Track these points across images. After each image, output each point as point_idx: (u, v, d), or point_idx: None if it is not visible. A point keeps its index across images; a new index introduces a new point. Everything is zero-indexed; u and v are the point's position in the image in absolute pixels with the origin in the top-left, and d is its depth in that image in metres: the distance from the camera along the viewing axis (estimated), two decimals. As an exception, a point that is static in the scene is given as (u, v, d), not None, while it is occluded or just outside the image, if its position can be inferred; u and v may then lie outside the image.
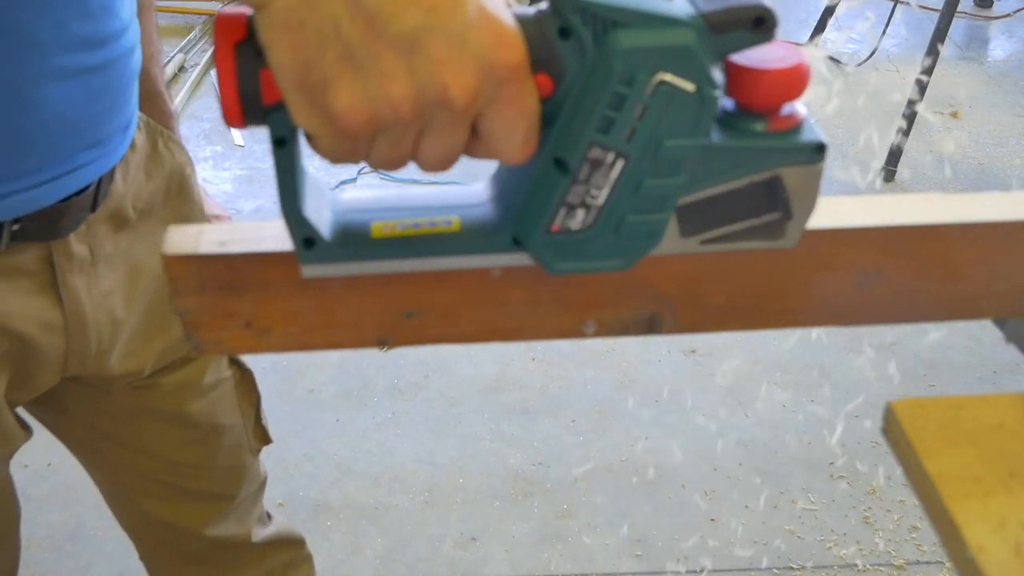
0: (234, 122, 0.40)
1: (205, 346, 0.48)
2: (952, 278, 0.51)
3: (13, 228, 0.72)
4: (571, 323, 0.50)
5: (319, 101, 0.37)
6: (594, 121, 0.40)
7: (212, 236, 0.47)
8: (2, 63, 0.65)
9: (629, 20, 0.39)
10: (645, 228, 0.43)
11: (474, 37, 0.37)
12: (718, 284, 0.50)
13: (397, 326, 0.49)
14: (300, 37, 0.36)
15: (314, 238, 0.44)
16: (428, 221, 0.46)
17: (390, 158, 0.41)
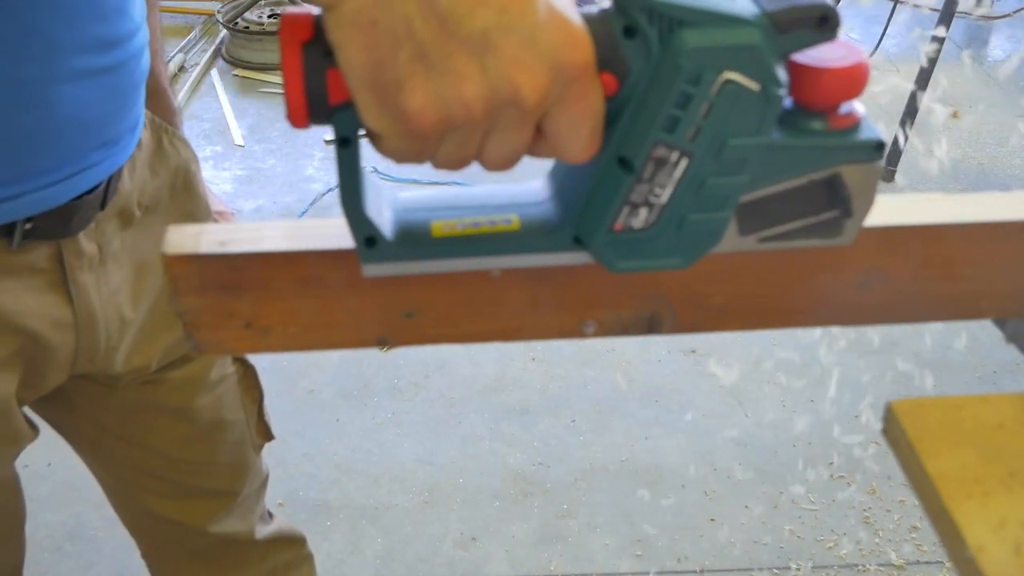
0: (299, 122, 0.40)
1: (205, 346, 0.48)
2: (952, 278, 0.51)
3: (25, 227, 0.72)
4: (571, 323, 0.50)
5: (391, 101, 0.37)
6: (660, 120, 0.40)
7: (212, 236, 0.47)
8: (19, 64, 0.66)
9: (695, 19, 0.39)
10: (707, 226, 0.44)
11: (545, 37, 0.37)
12: (718, 284, 0.50)
13: (397, 326, 0.49)
14: (373, 37, 0.36)
15: (376, 237, 0.44)
16: (488, 220, 0.46)
17: (455, 158, 0.41)
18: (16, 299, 0.75)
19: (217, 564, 1.11)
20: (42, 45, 0.67)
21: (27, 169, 0.70)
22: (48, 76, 0.68)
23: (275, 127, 3.10)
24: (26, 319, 0.76)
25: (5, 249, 0.73)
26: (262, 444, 1.09)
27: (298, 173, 2.86)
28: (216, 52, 3.51)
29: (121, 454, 0.99)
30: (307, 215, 2.67)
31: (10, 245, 0.72)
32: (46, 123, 0.69)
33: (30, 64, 0.66)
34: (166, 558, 1.12)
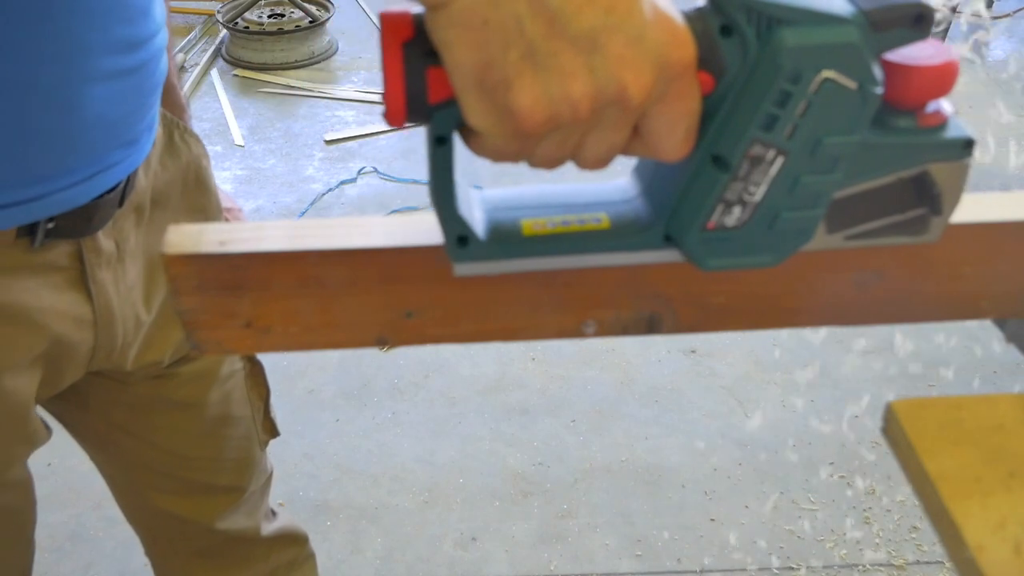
0: (396, 120, 0.40)
1: (205, 346, 0.48)
2: (952, 278, 0.51)
3: (48, 226, 0.73)
4: (571, 323, 0.50)
5: (498, 100, 0.37)
6: (757, 118, 0.40)
7: (212, 236, 0.47)
8: (49, 67, 0.67)
9: (794, 18, 0.39)
10: (799, 224, 0.44)
11: (651, 35, 0.37)
12: (718, 284, 0.50)
13: (397, 326, 0.49)
14: (482, 36, 0.36)
15: (468, 236, 0.44)
16: (577, 219, 0.46)
17: (553, 156, 0.41)
18: (38, 297, 0.76)
19: (221, 563, 1.11)
20: (72, 48, 0.67)
21: (53, 169, 0.71)
22: (76, 78, 0.68)
23: (275, 127, 3.10)
24: (48, 317, 0.77)
25: (27, 248, 0.73)
26: (268, 441, 1.10)
27: (298, 173, 2.86)
28: (216, 52, 3.51)
29: (130, 450, 1.00)
30: (307, 215, 2.67)
31: (32, 244, 0.73)
32: (73, 124, 0.70)
33: (60, 66, 0.67)
34: (171, 556, 1.12)
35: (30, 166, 0.69)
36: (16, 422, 0.81)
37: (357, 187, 2.78)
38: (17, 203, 0.70)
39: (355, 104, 3.24)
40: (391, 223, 0.48)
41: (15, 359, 0.77)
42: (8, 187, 0.69)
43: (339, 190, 2.77)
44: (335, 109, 3.21)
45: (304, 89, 3.31)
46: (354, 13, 3.92)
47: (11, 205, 0.69)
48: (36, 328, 0.77)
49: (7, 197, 0.69)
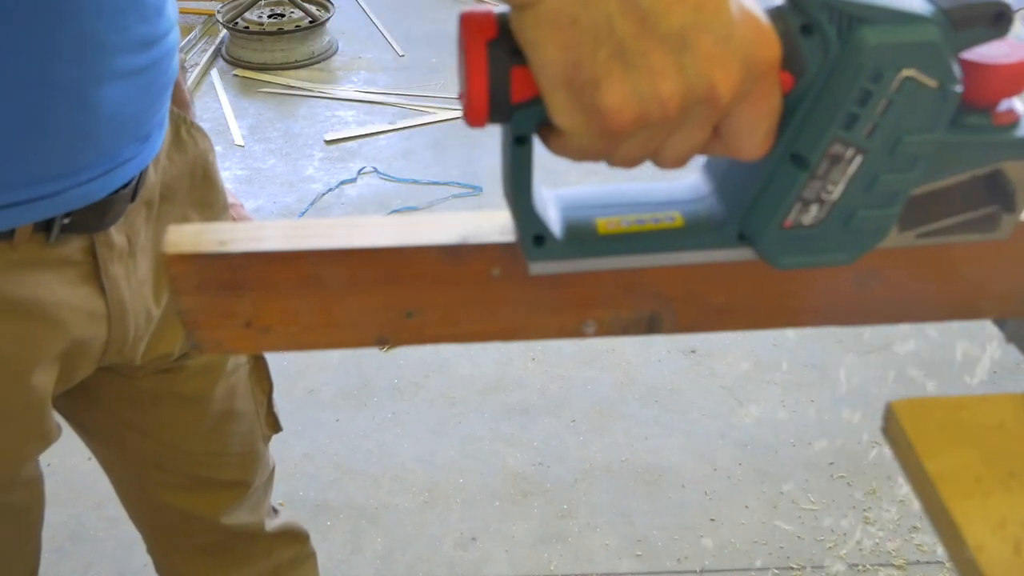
0: (477, 120, 0.40)
1: (205, 345, 0.48)
2: (952, 278, 0.51)
3: (64, 222, 0.74)
4: (571, 323, 0.50)
5: (587, 99, 0.37)
6: (838, 117, 0.40)
7: (212, 236, 0.47)
8: (68, 65, 0.67)
9: (875, 17, 0.39)
10: (874, 223, 0.44)
11: (738, 34, 0.37)
12: (718, 284, 0.50)
13: (397, 326, 0.49)
14: (572, 35, 0.36)
15: (544, 235, 0.44)
16: (652, 217, 0.46)
17: (636, 156, 0.41)
18: (53, 292, 0.76)
19: (224, 560, 1.12)
20: (91, 47, 0.68)
21: (69, 166, 0.71)
22: (94, 76, 0.69)
23: (275, 127, 3.10)
24: (64, 312, 0.77)
25: (43, 243, 0.74)
26: (270, 436, 1.11)
27: (298, 173, 2.86)
28: (216, 52, 3.51)
29: (136, 445, 1.00)
30: (307, 215, 2.67)
31: (47, 239, 0.74)
32: (90, 121, 0.71)
33: (78, 65, 0.68)
34: (174, 553, 1.13)
35: (47, 163, 0.70)
36: (33, 419, 0.82)
37: (357, 187, 2.78)
38: (34, 199, 0.71)
39: (355, 104, 3.24)
40: (391, 223, 0.48)
41: (37, 356, 0.78)
42: (26, 184, 0.70)
43: (339, 190, 2.77)
44: (335, 109, 3.21)
45: (304, 89, 3.31)
46: (354, 13, 3.92)
47: (29, 201, 0.70)
48: (55, 324, 0.77)
49: (25, 193, 0.70)
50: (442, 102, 3.25)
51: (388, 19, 3.87)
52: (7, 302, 0.74)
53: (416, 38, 3.73)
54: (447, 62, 3.55)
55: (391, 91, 3.32)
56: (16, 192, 0.69)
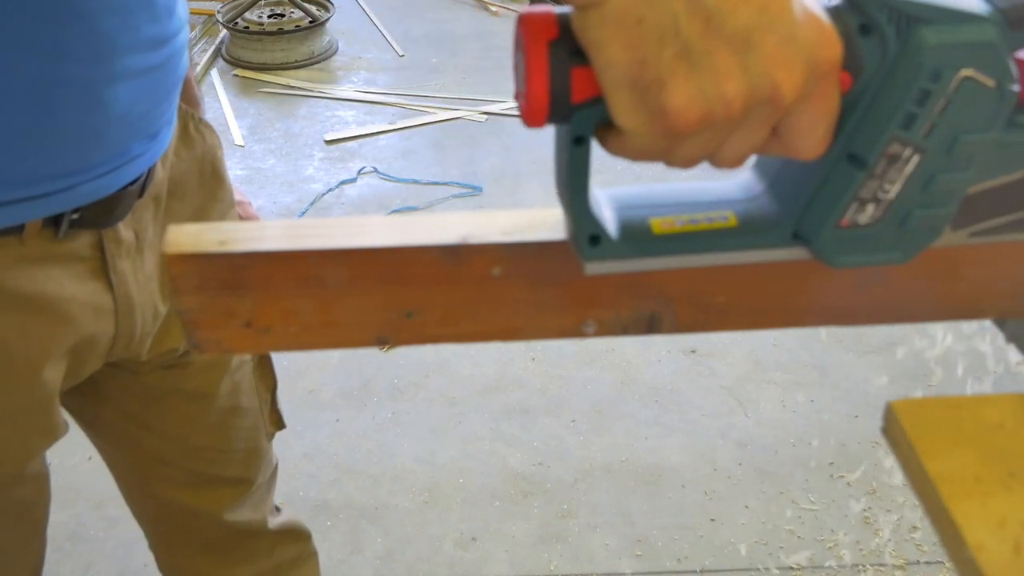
0: (536, 120, 0.40)
1: (205, 345, 0.48)
2: (952, 278, 0.51)
3: (72, 217, 0.75)
4: (571, 323, 0.50)
5: (651, 99, 0.37)
6: (896, 117, 0.40)
7: (212, 235, 0.47)
8: (80, 65, 0.68)
9: (934, 17, 0.39)
10: (929, 222, 0.44)
11: (802, 34, 0.37)
12: (718, 284, 0.50)
13: (397, 325, 0.49)
14: (638, 35, 0.36)
15: (600, 235, 0.44)
16: (705, 217, 0.46)
17: (695, 156, 0.41)
18: (61, 287, 0.77)
19: (226, 557, 1.12)
20: (103, 46, 0.69)
21: (78, 163, 0.72)
22: (106, 75, 0.70)
23: (275, 127, 3.10)
24: (72, 307, 0.78)
25: (51, 238, 0.75)
26: (274, 433, 1.11)
27: (298, 173, 2.86)
28: (216, 52, 3.51)
29: (140, 441, 1.00)
30: (307, 215, 2.67)
31: (56, 235, 0.75)
32: (101, 120, 0.71)
33: (90, 64, 0.68)
34: (176, 549, 1.13)
35: (57, 160, 0.71)
36: (41, 414, 0.82)
37: (357, 187, 2.78)
38: (44, 195, 0.71)
39: (355, 104, 3.24)
40: (391, 223, 0.48)
41: (46, 350, 0.78)
42: (35, 180, 0.70)
43: (339, 190, 2.77)
44: (335, 109, 3.21)
45: (304, 89, 3.31)
46: (354, 13, 3.92)
47: (38, 197, 0.71)
48: (63, 319, 0.78)
49: (34, 190, 0.70)
50: (442, 102, 3.25)
51: (388, 19, 3.87)
52: (16, 296, 0.74)
53: (416, 38, 3.73)
54: (447, 62, 3.55)
55: (391, 91, 3.32)
56: (25, 188, 0.70)
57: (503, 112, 3.19)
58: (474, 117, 3.16)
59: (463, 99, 3.27)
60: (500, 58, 3.59)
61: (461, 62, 3.55)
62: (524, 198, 2.75)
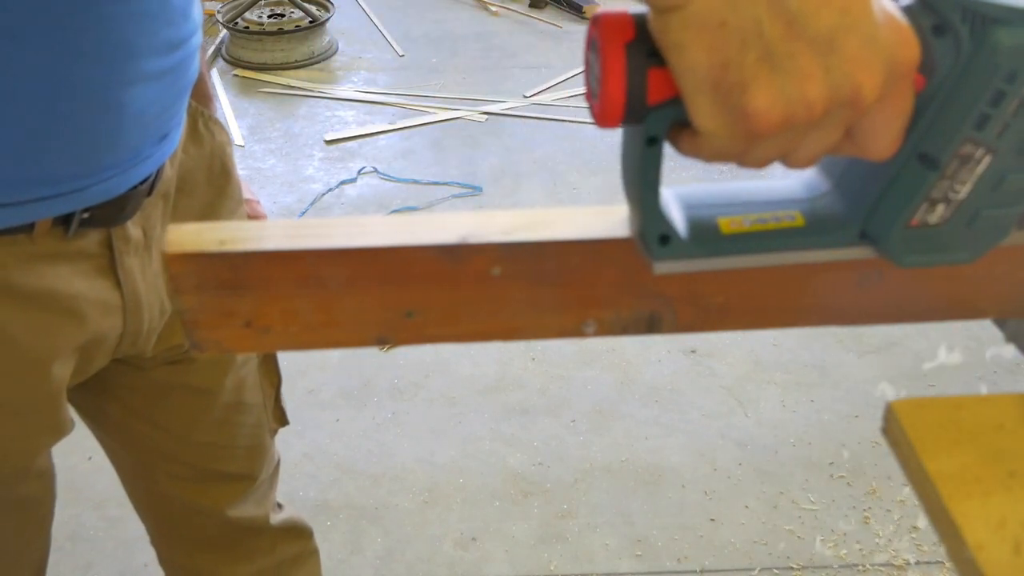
0: (610, 122, 0.40)
1: (205, 345, 0.48)
2: (952, 278, 0.51)
3: (83, 216, 0.75)
4: (571, 323, 0.50)
5: (733, 102, 0.37)
6: (970, 117, 0.40)
7: (212, 235, 0.47)
8: (96, 69, 0.68)
9: (1009, 17, 0.39)
10: (997, 222, 0.44)
11: (882, 35, 0.37)
12: (718, 284, 0.50)
13: (397, 325, 0.49)
14: (721, 38, 0.36)
15: (670, 235, 0.44)
16: (772, 216, 0.46)
17: (769, 157, 0.41)
18: (70, 284, 0.77)
19: (228, 554, 1.12)
20: (122, 51, 0.69)
21: (91, 165, 0.73)
22: (122, 79, 0.70)
23: (275, 127, 3.10)
24: (81, 304, 0.78)
25: (61, 237, 0.76)
26: (277, 429, 1.11)
27: (298, 173, 2.86)
28: (216, 52, 3.51)
29: (145, 437, 1.01)
30: (307, 215, 2.67)
31: (66, 233, 0.75)
32: (115, 123, 0.72)
33: (106, 68, 0.69)
34: (178, 545, 1.13)
35: (70, 162, 0.71)
36: (49, 410, 0.83)
37: (357, 187, 2.78)
38: (56, 195, 0.72)
39: (355, 104, 3.24)
40: (391, 223, 0.48)
41: (55, 347, 0.79)
42: (47, 181, 0.71)
43: (339, 190, 2.77)
44: (335, 109, 3.21)
45: (304, 89, 3.31)
46: (354, 13, 3.92)
47: (50, 197, 0.72)
48: (72, 316, 0.78)
49: (47, 190, 0.71)
50: (442, 102, 3.25)
51: (388, 19, 3.87)
52: (26, 294, 0.75)
53: (416, 38, 3.73)
54: (447, 62, 3.55)
55: (391, 91, 3.32)
56: (37, 188, 0.71)
57: (503, 112, 3.19)
58: (474, 117, 3.16)
59: (463, 99, 3.27)
60: (500, 58, 3.59)
61: (461, 62, 3.55)
62: (524, 198, 2.75)
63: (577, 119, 3.17)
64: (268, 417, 1.08)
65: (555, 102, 3.28)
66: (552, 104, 3.26)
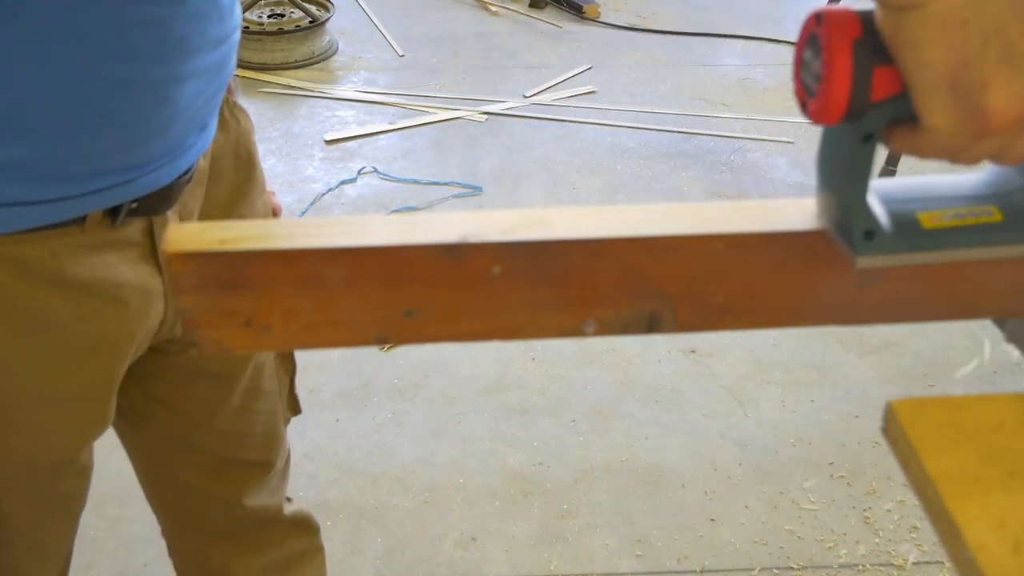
0: (831, 119, 0.40)
1: (205, 344, 0.48)
2: (952, 278, 0.51)
3: (131, 207, 0.78)
4: (571, 322, 0.50)
5: (970, 100, 0.38)
6: None
7: (212, 234, 0.47)
8: (155, 68, 0.70)
9: None
10: None
11: None
12: (718, 284, 0.50)
13: (397, 324, 0.49)
14: (961, 37, 0.37)
15: (875, 230, 0.45)
16: (970, 211, 0.47)
17: (988, 154, 0.42)
18: (117, 272, 0.79)
19: (239, 546, 1.13)
20: (176, 50, 0.71)
21: (143, 158, 0.75)
22: (176, 76, 0.73)
23: (275, 127, 3.10)
24: (126, 291, 0.80)
25: (109, 226, 0.78)
26: (290, 418, 1.12)
27: (298, 173, 2.86)
28: (216, 52, 3.51)
29: (164, 423, 1.01)
30: (307, 215, 2.67)
31: (114, 223, 0.77)
32: (167, 117, 0.74)
33: (163, 66, 0.71)
34: (192, 535, 1.13)
35: (124, 156, 0.74)
36: (98, 401, 0.85)
37: (357, 187, 2.78)
38: (108, 187, 0.74)
39: (355, 104, 3.24)
40: (391, 222, 0.48)
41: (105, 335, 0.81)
42: (101, 174, 0.73)
43: (339, 190, 2.77)
44: (335, 109, 3.21)
45: (304, 89, 3.31)
46: (354, 13, 3.92)
47: (103, 190, 0.74)
48: (120, 304, 0.80)
49: (100, 183, 0.73)
50: (442, 102, 3.25)
51: (388, 19, 3.87)
52: (77, 283, 0.77)
53: (416, 38, 3.73)
54: (447, 62, 3.55)
55: (391, 91, 3.32)
56: (92, 182, 0.73)
57: (503, 112, 3.19)
58: (474, 117, 3.16)
59: (463, 99, 3.27)
60: (500, 58, 3.59)
61: (461, 62, 3.55)
62: (524, 198, 2.75)
63: (577, 119, 3.17)
64: (283, 404, 1.10)
65: (555, 102, 3.27)
66: (552, 104, 3.26)
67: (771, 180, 2.90)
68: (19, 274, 0.74)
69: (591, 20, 3.94)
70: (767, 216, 0.49)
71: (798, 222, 0.49)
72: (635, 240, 0.47)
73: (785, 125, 3.16)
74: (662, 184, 2.85)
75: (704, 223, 0.48)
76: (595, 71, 3.52)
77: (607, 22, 3.93)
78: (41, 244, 0.73)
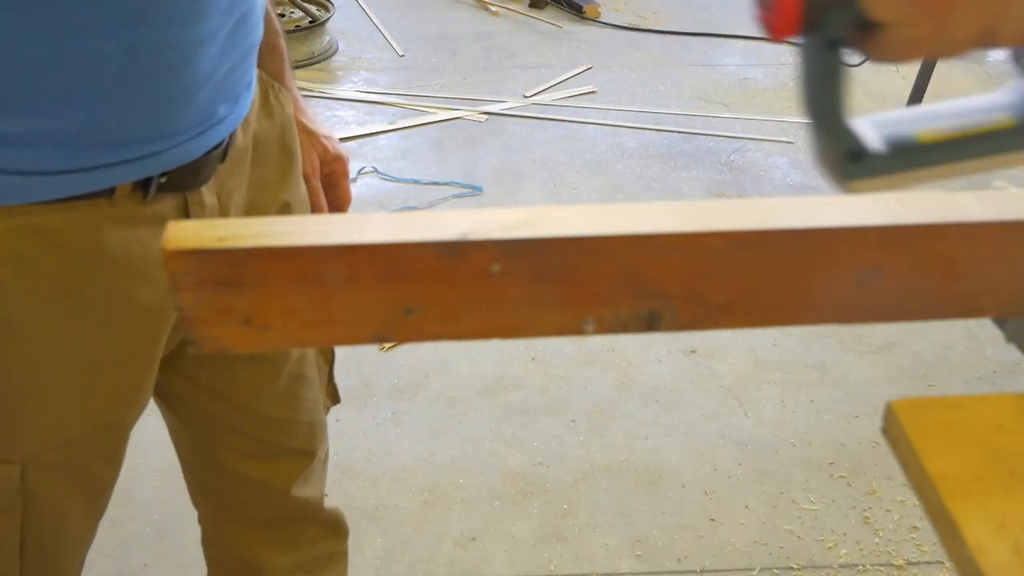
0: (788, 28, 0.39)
1: (204, 342, 0.48)
2: (952, 277, 0.51)
3: (161, 181, 0.78)
4: (571, 320, 0.50)
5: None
6: None
7: (211, 231, 0.47)
8: (173, 31, 0.70)
9: None
10: None
11: None
12: (718, 283, 0.50)
13: (397, 323, 0.49)
14: None
15: (860, 151, 0.42)
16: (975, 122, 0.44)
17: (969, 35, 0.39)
18: (146, 249, 0.79)
19: (275, 540, 1.12)
20: (195, 11, 0.71)
21: (168, 127, 0.75)
22: (195, 39, 0.72)
23: (275, 126, 3.10)
24: (155, 268, 0.80)
25: (140, 201, 0.78)
26: (330, 407, 1.12)
27: (298, 173, 2.87)
28: (217, 51, 3.51)
29: (209, 409, 1.01)
30: (307, 214, 2.66)
31: (144, 197, 0.77)
32: (189, 82, 0.74)
33: (182, 29, 0.71)
34: (230, 523, 1.13)
35: (148, 124, 0.74)
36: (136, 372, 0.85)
37: (357, 187, 2.78)
38: (135, 159, 0.74)
39: (355, 104, 3.24)
40: (390, 220, 0.48)
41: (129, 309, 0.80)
42: (128, 143, 0.73)
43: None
44: (335, 109, 3.21)
45: (304, 89, 3.31)
46: (354, 13, 3.92)
47: (130, 161, 0.74)
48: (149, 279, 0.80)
49: (126, 153, 0.73)
50: (442, 102, 3.25)
51: (388, 19, 3.87)
52: (106, 255, 0.77)
53: (416, 38, 3.73)
54: (447, 62, 3.55)
55: (391, 91, 3.32)
56: (118, 152, 0.73)
57: (503, 112, 3.19)
58: (474, 117, 3.16)
59: (463, 99, 3.27)
60: (500, 58, 3.59)
61: (461, 62, 3.55)
62: (524, 198, 2.75)
63: (577, 119, 3.17)
64: (323, 393, 1.09)
65: (555, 102, 3.27)
66: (552, 104, 3.26)
67: (771, 180, 2.90)
68: (46, 244, 0.74)
69: (591, 20, 3.94)
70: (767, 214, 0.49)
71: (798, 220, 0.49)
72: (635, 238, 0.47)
73: (785, 125, 3.16)
74: (662, 184, 2.85)
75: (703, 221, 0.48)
76: (595, 71, 3.52)
77: (607, 22, 3.93)
78: (68, 215, 0.73)
